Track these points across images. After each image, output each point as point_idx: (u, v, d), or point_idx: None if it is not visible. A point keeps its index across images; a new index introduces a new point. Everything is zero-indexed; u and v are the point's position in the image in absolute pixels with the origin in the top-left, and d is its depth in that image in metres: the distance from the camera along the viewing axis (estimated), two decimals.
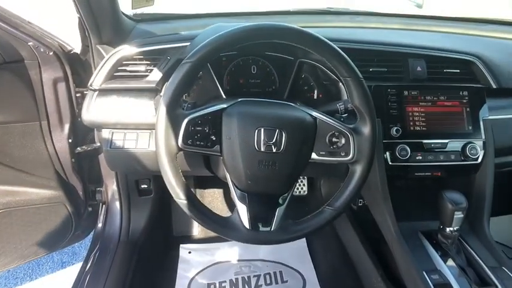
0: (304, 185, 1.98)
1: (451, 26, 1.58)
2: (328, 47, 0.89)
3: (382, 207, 1.17)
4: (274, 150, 0.89)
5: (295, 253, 1.81)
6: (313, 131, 0.93)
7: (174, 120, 0.88)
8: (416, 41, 1.27)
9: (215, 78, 1.19)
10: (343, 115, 1.02)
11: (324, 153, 0.94)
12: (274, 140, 0.89)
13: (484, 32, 1.55)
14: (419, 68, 1.21)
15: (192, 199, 0.90)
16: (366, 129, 0.92)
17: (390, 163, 1.14)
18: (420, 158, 1.15)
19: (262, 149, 0.89)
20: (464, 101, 1.20)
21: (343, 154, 0.93)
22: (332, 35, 1.14)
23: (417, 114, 1.17)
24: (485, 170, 1.19)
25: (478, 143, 1.17)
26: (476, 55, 1.26)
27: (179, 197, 0.89)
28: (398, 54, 1.23)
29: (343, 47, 0.94)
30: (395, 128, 1.13)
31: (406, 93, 1.18)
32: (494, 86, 1.24)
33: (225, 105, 0.93)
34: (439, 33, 1.51)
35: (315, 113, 0.94)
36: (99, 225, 1.70)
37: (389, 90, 1.17)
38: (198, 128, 0.90)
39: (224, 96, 1.18)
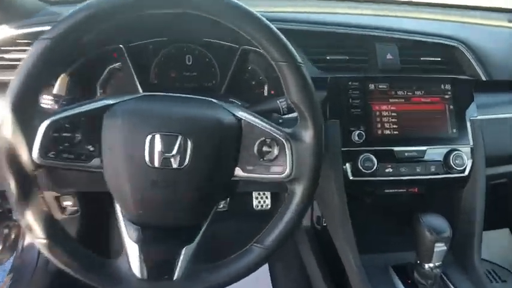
0: (266, 197, 1.71)
1: (431, 12, 1.32)
2: (252, 19, 0.62)
3: (340, 233, 0.90)
4: (174, 166, 0.62)
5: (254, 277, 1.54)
6: (236, 138, 0.67)
7: (24, 123, 0.60)
8: (386, 23, 1.01)
9: (132, 70, 0.93)
10: (285, 115, 0.76)
11: (252, 168, 0.67)
12: (174, 151, 0.61)
13: (470, 19, 1.29)
14: (389, 56, 0.95)
15: (57, 235, 0.63)
16: (308, 135, 0.65)
17: (351, 178, 0.88)
18: (390, 170, 0.89)
19: (156, 164, 0.61)
20: (447, 96, 0.94)
21: (277, 170, 0.66)
22: (278, 16, 0.88)
23: (386, 113, 0.91)
24: (474, 184, 0.93)
25: (465, 150, 0.92)
26: (461, 40, 1.00)
27: (37, 235, 0.61)
28: (364, 38, 0.97)
29: (285, 27, 0.68)
30: (358, 132, 0.87)
31: (372, 86, 0.91)
32: (484, 78, 0.99)
33: (111, 102, 0.65)
34: (416, 19, 1.25)
35: (240, 113, 0.67)
36: (19, 248, 1.42)
37: (350, 83, 0.91)
38: (65, 135, 0.63)
39: (141, 92, 0.91)
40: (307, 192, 0.66)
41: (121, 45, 0.94)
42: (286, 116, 0.80)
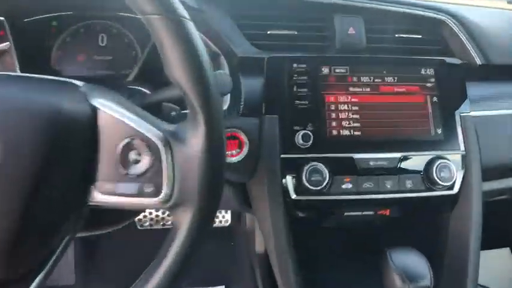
0: (226, 211, 1.45)
1: None
2: None
3: (277, 267, 0.65)
4: None
5: None
6: (89, 139, 0.41)
7: None
8: None
9: (14, 52, 0.69)
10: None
11: (111, 186, 0.42)
12: None
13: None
14: (351, 30, 0.71)
15: None
16: (197, 136, 0.40)
17: (294, 196, 0.63)
18: (349, 186, 0.64)
19: None
20: (429, 84, 0.69)
21: (149, 190, 0.41)
22: None
23: (345, 107, 0.66)
24: (466, 205, 0.68)
25: (454, 159, 0.67)
26: (451, 12, 0.76)
27: None
28: (318, 6, 0.72)
29: None
30: (304, 132, 0.62)
31: (326, 70, 0.67)
32: (479, 62, 0.74)
33: None
34: None
35: (99, 100, 0.42)
36: None
37: (295, 65, 0.66)
38: None
39: None
40: (196, 225, 0.41)
41: (2, 18, 0.70)
42: None
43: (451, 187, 0.66)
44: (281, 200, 0.63)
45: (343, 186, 0.64)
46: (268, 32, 0.70)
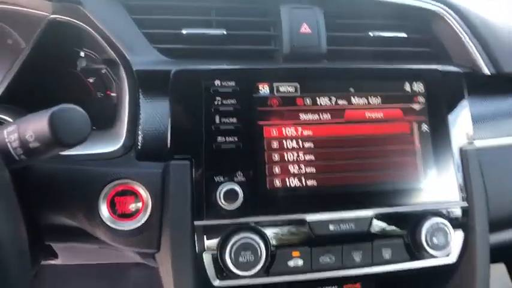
0: None
1: None
2: None
3: None
4: None
5: None
6: None
7: None
8: None
9: None
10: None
11: None
12: None
13: None
14: (305, 28, 0.49)
15: None
16: None
17: (217, 283, 0.42)
18: (300, 263, 0.43)
19: None
20: (417, 106, 0.48)
21: None
22: None
23: (292, 145, 0.44)
24: (468, 274, 0.48)
25: (451, 215, 0.46)
26: (448, 3, 0.55)
27: None
28: None
29: None
30: (229, 185, 0.41)
31: (264, 90, 0.45)
32: (487, 72, 0.53)
33: None
34: None
35: None
36: None
37: (218, 82, 0.44)
38: None
39: None
40: None
41: None
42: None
43: (447, 254, 0.46)
44: None
45: (290, 264, 0.43)
46: (184, 32, 0.48)
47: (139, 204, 0.42)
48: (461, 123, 0.50)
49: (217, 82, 0.44)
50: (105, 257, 0.64)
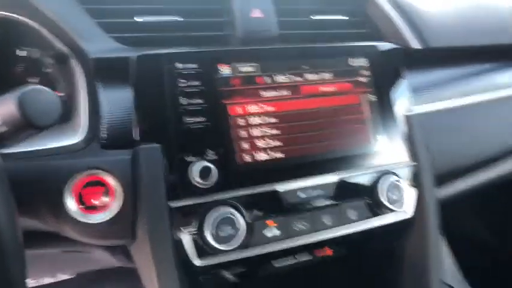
0: None
1: None
2: None
3: None
4: None
5: None
6: None
7: None
8: None
9: None
10: None
11: None
12: None
13: None
14: (256, 12, 0.51)
15: None
16: None
17: (199, 262, 0.42)
18: (277, 232, 0.45)
19: None
20: (362, 79, 0.53)
21: None
22: None
23: (257, 121, 0.47)
24: (422, 226, 0.54)
25: (403, 172, 0.51)
26: None
27: None
28: None
29: None
30: (203, 164, 0.42)
31: (226, 70, 0.47)
32: (416, 46, 0.60)
33: None
34: None
35: None
36: None
37: (180, 65, 0.45)
38: None
39: None
40: None
41: None
42: None
43: (403, 209, 0.51)
44: (175, 273, 0.41)
45: (267, 234, 0.45)
46: (137, 19, 0.48)
47: (109, 195, 0.41)
48: (402, 93, 0.56)
49: (179, 65, 0.44)
50: (76, 265, 0.60)
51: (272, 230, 0.45)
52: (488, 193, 0.75)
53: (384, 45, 0.58)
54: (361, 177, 0.50)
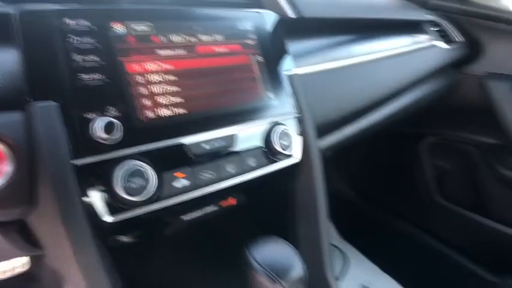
0: None
1: None
2: None
3: None
4: None
5: None
6: None
7: None
8: None
9: None
10: None
11: None
12: None
13: None
14: None
15: None
16: None
17: (110, 218, 0.42)
18: (186, 182, 0.48)
19: None
20: (251, 42, 0.59)
21: None
22: None
23: (158, 78, 0.48)
24: (308, 169, 0.63)
25: (290, 123, 0.59)
26: None
27: None
28: None
29: None
30: (106, 120, 0.41)
31: (120, 28, 0.47)
32: (291, 15, 0.68)
33: None
34: None
35: None
36: None
37: (70, 21, 0.43)
38: None
39: None
40: None
41: None
42: None
43: (293, 155, 0.59)
44: (88, 230, 0.41)
45: (177, 185, 0.47)
46: None
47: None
48: (284, 56, 0.63)
49: (70, 21, 0.43)
50: None
51: (181, 181, 0.47)
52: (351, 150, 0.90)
53: (266, 13, 0.64)
54: (256, 128, 0.55)
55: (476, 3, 1.09)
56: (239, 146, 0.53)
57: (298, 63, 0.65)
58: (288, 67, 0.63)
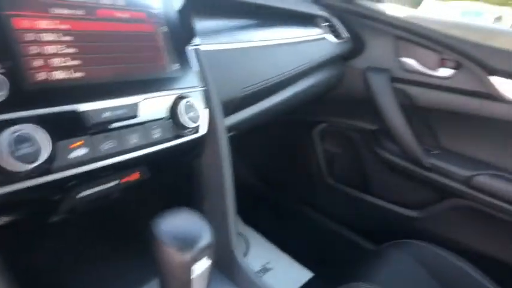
0: None
1: None
2: None
3: None
4: None
5: None
6: None
7: None
8: None
9: None
10: None
11: None
12: None
13: None
14: None
15: None
16: None
17: None
18: (84, 151, 0.44)
19: None
20: (155, 11, 0.57)
21: None
22: None
23: (52, 37, 0.44)
24: (215, 144, 0.64)
25: (196, 96, 0.59)
26: None
27: None
28: None
29: None
30: None
31: None
32: None
33: None
34: None
35: None
36: None
37: None
38: None
39: None
40: None
41: None
42: None
43: (199, 128, 0.59)
44: None
45: (73, 155, 0.43)
46: None
47: None
48: (191, 29, 0.63)
49: None
50: None
51: (78, 151, 0.44)
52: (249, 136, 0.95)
53: None
54: (162, 99, 0.54)
55: (359, 4, 1.23)
56: (143, 117, 0.51)
57: (204, 40, 0.66)
58: (194, 42, 0.63)
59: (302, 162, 1.51)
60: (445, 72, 1.16)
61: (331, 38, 1.14)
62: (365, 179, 1.40)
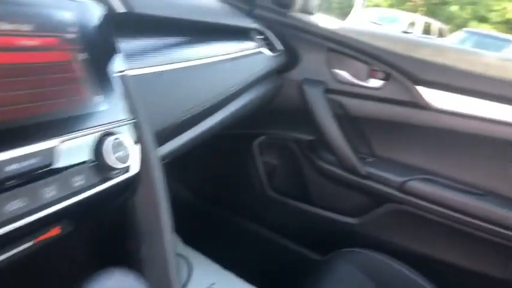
0: None
1: None
2: None
3: None
4: None
5: None
6: None
7: None
8: None
9: None
10: None
11: None
12: None
13: None
14: None
15: None
16: None
17: None
18: None
19: None
20: (71, 36, 0.49)
21: None
22: None
23: None
24: (149, 180, 0.57)
25: (125, 131, 0.52)
26: None
27: None
28: None
29: None
30: None
31: None
32: (120, 10, 0.61)
33: None
34: None
35: None
36: None
37: None
38: None
39: None
40: None
41: None
42: None
43: (130, 167, 0.52)
44: None
45: None
46: None
47: None
48: (114, 54, 0.56)
49: None
50: None
51: None
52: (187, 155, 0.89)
53: (90, 3, 0.55)
54: (83, 139, 0.46)
55: (292, 16, 1.23)
56: (61, 163, 0.43)
57: (131, 63, 0.59)
58: (119, 67, 0.55)
59: (243, 177, 1.48)
60: (375, 83, 1.20)
61: (266, 51, 1.12)
62: (305, 189, 1.40)
